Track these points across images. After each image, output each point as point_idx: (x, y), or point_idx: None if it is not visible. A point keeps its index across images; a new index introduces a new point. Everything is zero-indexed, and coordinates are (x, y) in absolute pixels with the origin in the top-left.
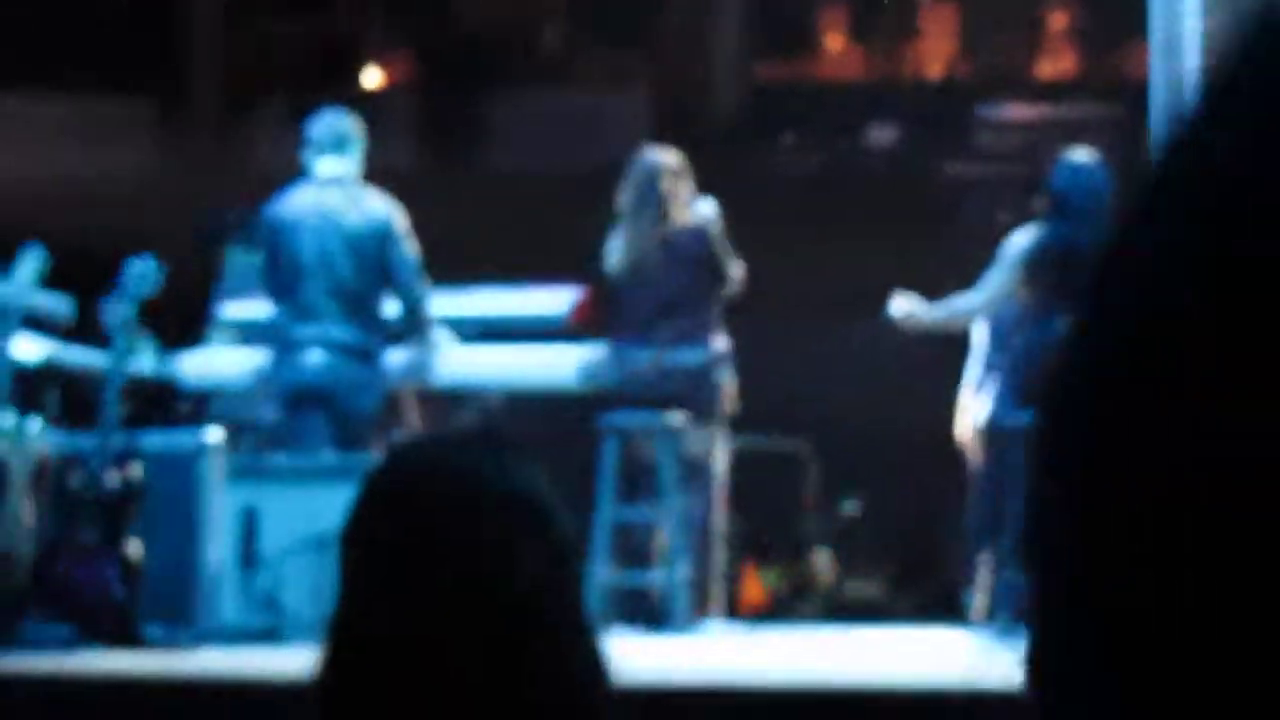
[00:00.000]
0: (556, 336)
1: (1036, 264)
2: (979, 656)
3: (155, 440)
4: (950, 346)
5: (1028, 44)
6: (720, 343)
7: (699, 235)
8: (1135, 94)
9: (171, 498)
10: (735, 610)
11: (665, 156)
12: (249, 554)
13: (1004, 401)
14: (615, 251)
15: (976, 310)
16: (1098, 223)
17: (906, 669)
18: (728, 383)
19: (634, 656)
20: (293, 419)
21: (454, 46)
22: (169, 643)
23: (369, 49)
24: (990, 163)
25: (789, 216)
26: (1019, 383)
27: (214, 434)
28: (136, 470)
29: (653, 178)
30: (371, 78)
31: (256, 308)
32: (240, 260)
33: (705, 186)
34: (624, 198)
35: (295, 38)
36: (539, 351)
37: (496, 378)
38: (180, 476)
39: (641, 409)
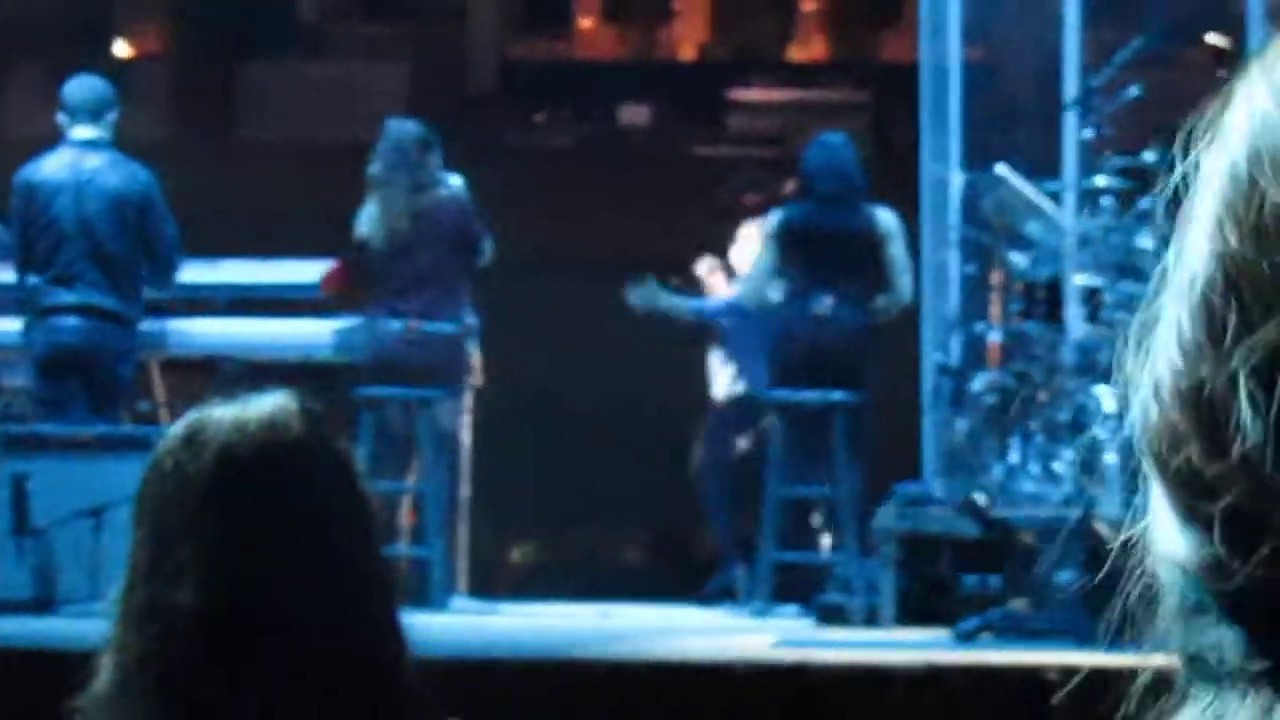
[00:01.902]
0: (309, 307)
1: (788, 242)
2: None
3: None
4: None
5: (780, 27)
6: (470, 316)
7: (453, 208)
8: (885, 78)
9: None
10: (491, 585)
11: (414, 127)
12: (20, 524)
13: (760, 377)
14: (367, 221)
15: (746, 297)
16: (847, 201)
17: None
18: (475, 355)
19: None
20: (49, 385)
21: (211, 16)
22: None
23: (125, 17)
24: (742, 145)
25: (542, 192)
26: (778, 359)
27: None
28: None
29: (403, 147)
30: (127, 47)
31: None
32: None
33: (461, 160)
34: (374, 167)
35: (52, 4)
36: (292, 322)
37: (249, 346)
38: None
39: (393, 381)
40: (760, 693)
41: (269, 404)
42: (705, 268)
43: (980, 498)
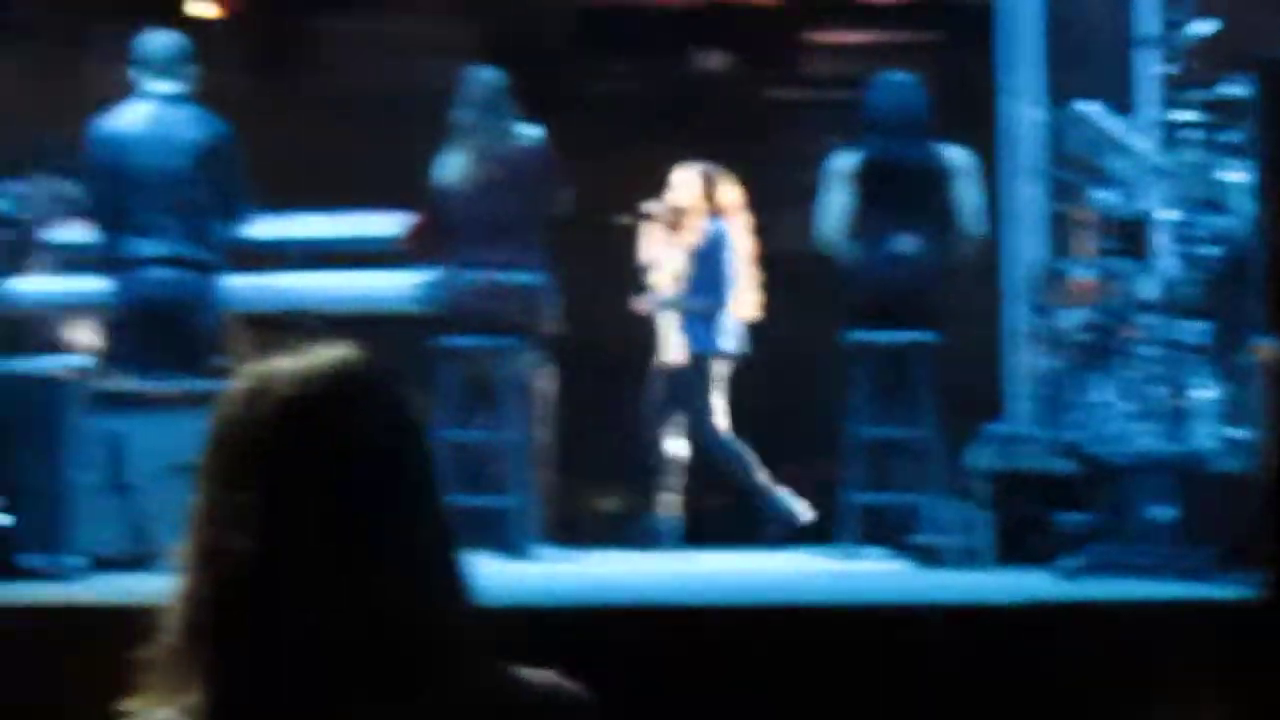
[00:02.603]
0: (388, 260)
1: (857, 181)
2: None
3: (25, 365)
4: (770, 268)
5: None
6: (547, 265)
7: (534, 156)
8: (960, 17)
9: (38, 424)
10: (573, 534)
11: (494, 74)
12: (117, 481)
13: (704, 339)
14: (447, 169)
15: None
16: (913, 138)
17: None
18: (553, 305)
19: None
20: (132, 339)
21: None
22: (46, 571)
23: None
24: (817, 88)
25: (618, 141)
26: (854, 300)
27: (78, 358)
28: (6, 396)
29: (485, 94)
30: (201, 6)
31: (80, 230)
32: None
33: (535, 110)
34: (457, 114)
35: None
36: (372, 275)
37: (328, 300)
38: (46, 403)
39: (471, 331)
40: (861, 634)
41: (332, 355)
42: (652, 209)
43: (1074, 435)
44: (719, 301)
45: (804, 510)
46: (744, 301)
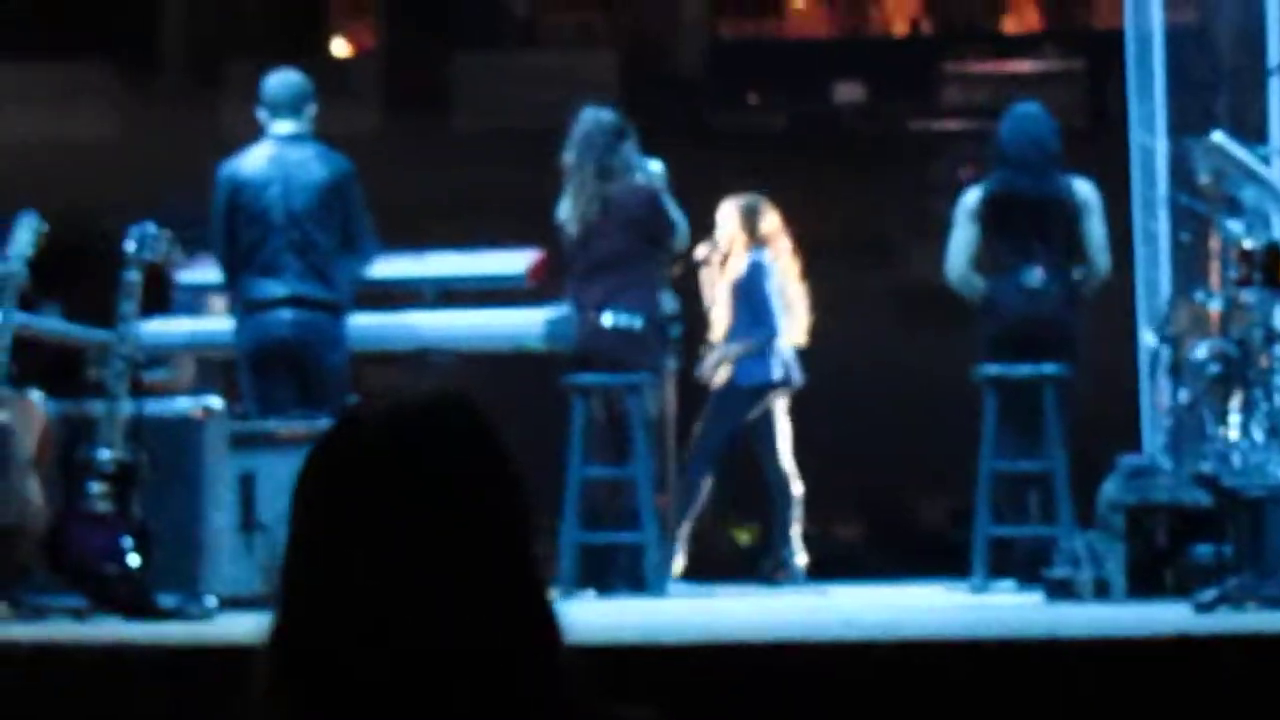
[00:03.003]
0: (520, 297)
1: (989, 216)
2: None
3: (158, 407)
4: (904, 300)
5: None
6: (665, 301)
7: (641, 195)
8: (1098, 45)
9: (175, 465)
10: (707, 570)
11: (604, 114)
12: (248, 521)
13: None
14: (561, 208)
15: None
16: (1043, 171)
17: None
18: (673, 340)
19: (607, 617)
20: (260, 380)
21: (423, 9)
22: (180, 610)
23: (335, 13)
24: (956, 118)
25: (757, 174)
26: (987, 334)
27: (214, 400)
28: (143, 437)
29: (591, 135)
30: (338, 44)
31: (208, 271)
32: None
33: (672, 144)
34: (566, 156)
35: (262, 2)
36: (501, 312)
37: (458, 338)
38: (183, 443)
39: (591, 369)
40: (997, 669)
41: (427, 394)
42: (701, 251)
43: (1208, 466)
44: (765, 335)
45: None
46: (793, 329)
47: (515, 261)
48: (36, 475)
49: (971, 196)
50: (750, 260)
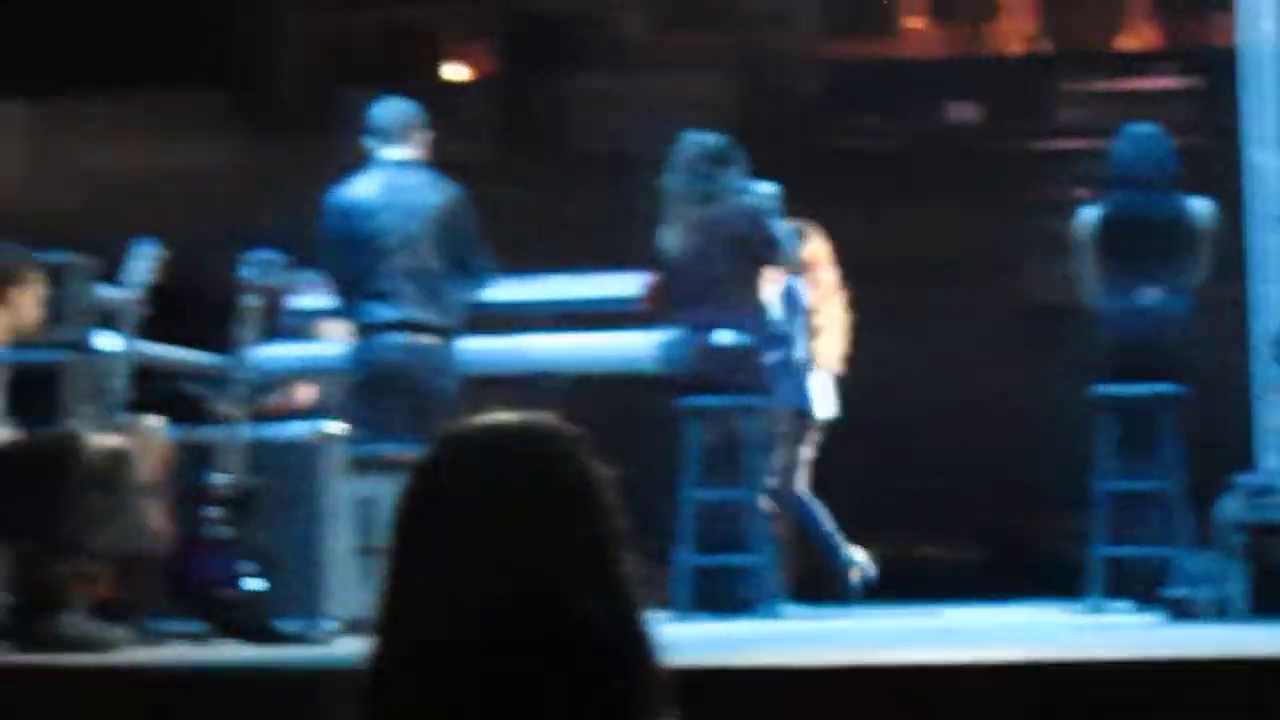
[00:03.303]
0: (632, 320)
1: (1106, 237)
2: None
3: (277, 431)
4: (1022, 320)
5: (1107, 16)
6: (770, 323)
7: (744, 219)
8: (1216, 63)
9: (293, 489)
10: (830, 592)
11: (706, 139)
12: (365, 544)
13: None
14: (664, 233)
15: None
16: (1159, 190)
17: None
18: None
19: (721, 639)
20: (371, 404)
21: (535, 34)
22: (300, 635)
23: (447, 39)
24: (1072, 137)
25: (873, 194)
26: (1104, 355)
27: (332, 424)
28: (262, 463)
29: (691, 160)
30: (452, 69)
31: (318, 297)
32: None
33: (788, 166)
34: (668, 181)
35: (373, 29)
36: (616, 335)
37: (573, 361)
38: (302, 468)
39: (700, 392)
40: (1111, 690)
41: (522, 419)
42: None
43: None
44: (781, 356)
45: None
46: (825, 356)
47: (629, 284)
48: (156, 501)
49: (1087, 217)
50: (784, 286)
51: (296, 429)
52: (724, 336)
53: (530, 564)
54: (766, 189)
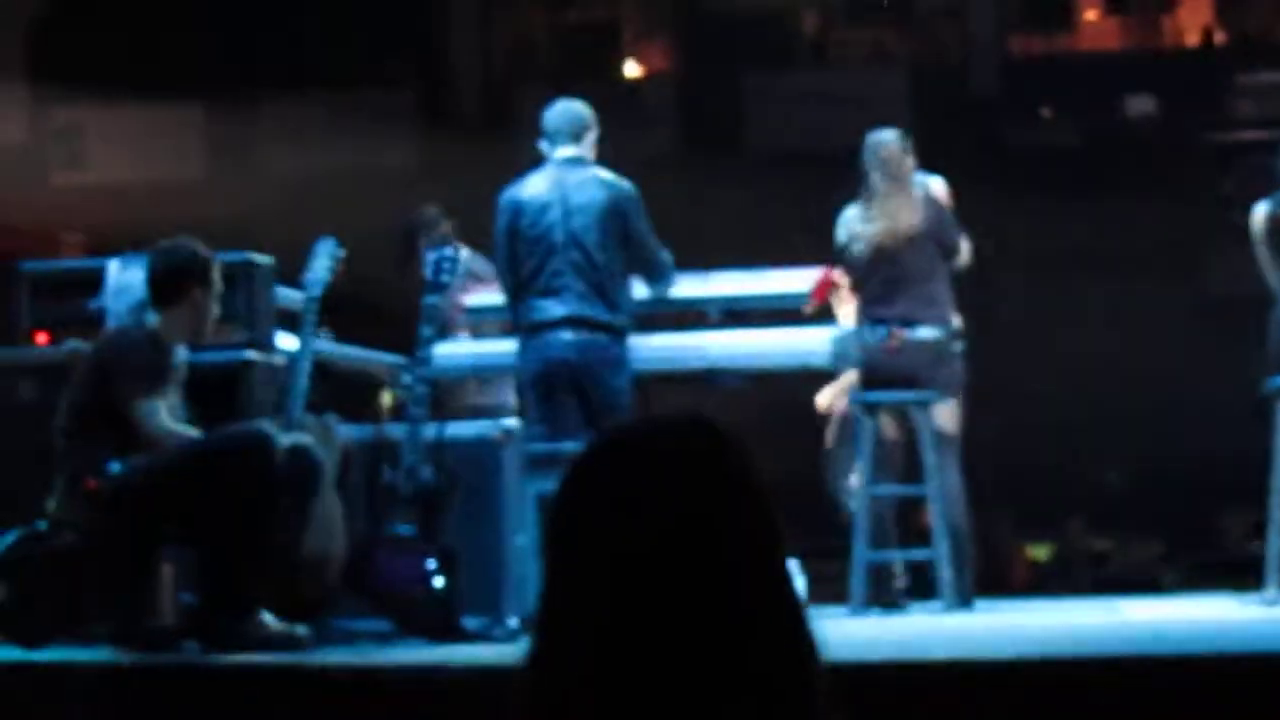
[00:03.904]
0: (790, 317)
1: (1271, 230)
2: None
3: (459, 430)
4: (1203, 313)
5: None
6: (953, 317)
7: (930, 211)
8: None
9: (476, 487)
10: (1006, 586)
11: (890, 135)
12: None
13: None
14: (846, 229)
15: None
16: None
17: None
18: (961, 356)
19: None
20: (543, 402)
21: (715, 31)
22: (485, 633)
23: (628, 37)
24: (1250, 129)
25: (1050, 189)
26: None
27: (513, 421)
28: (445, 461)
29: (879, 156)
30: (631, 67)
31: (488, 295)
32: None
33: (965, 162)
34: (859, 177)
35: (554, 28)
36: (788, 332)
37: (745, 358)
38: (484, 466)
39: (883, 387)
40: None
41: (678, 419)
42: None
43: None
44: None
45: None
46: None
47: (799, 280)
48: (339, 501)
49: (1261, 211)
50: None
51: (479, 427)
52: (924, 331)
53: (685, 563)
54: (937, 183)
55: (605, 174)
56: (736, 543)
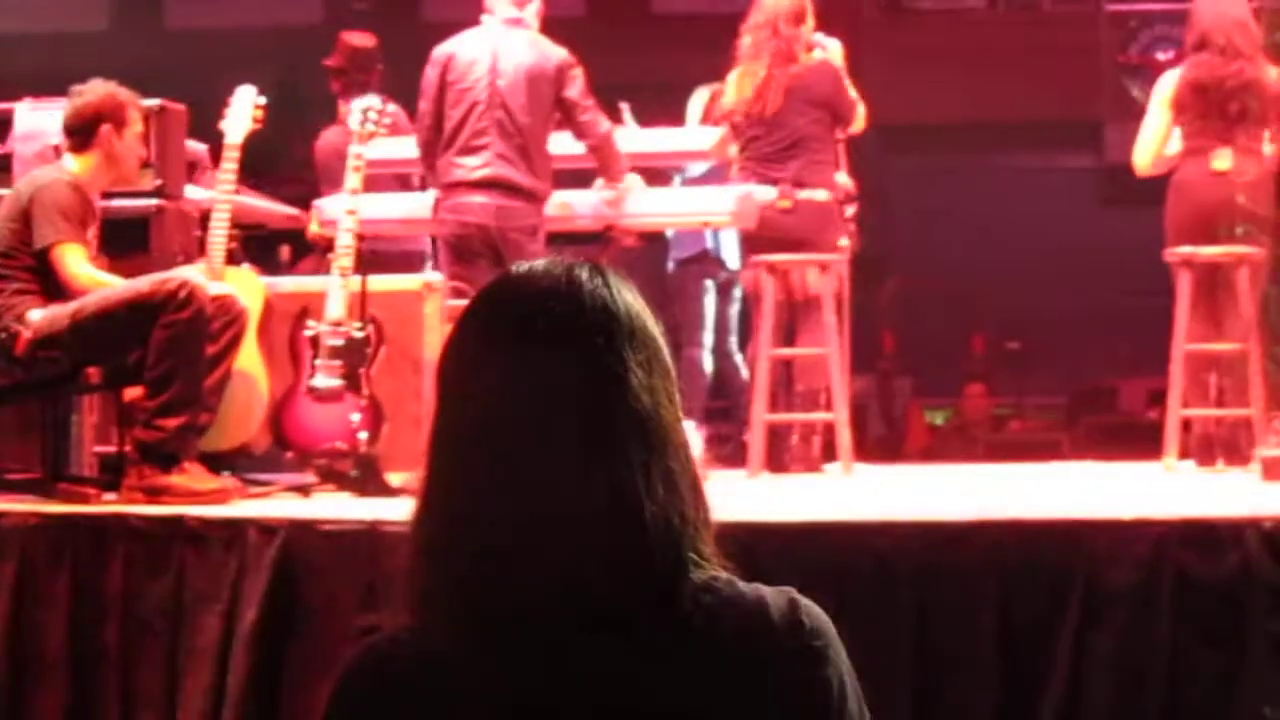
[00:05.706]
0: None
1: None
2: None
3: (381, 282)
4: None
5: None
6: (843, 181)
7: (824, 75)
8: None
9: (399, 340)
10: (901, 452)
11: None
12: None
13: None
14: (734, 92)
15: None
16: None
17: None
18: (847, 222)
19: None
20: (459, 261)
21: None
22: (410, 489)
23: None
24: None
25: (955, 54)
26: None
27: (435, 276)
28: (367, 313)
29: (772, 20)
30: None
31: (401, 148)
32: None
33: (873, 22)
34: (743, 41)
35: None
36: (692, 191)
37: (650, 216)
38: (406, 318)
39: (772, 249)
40: None
41: (561, 260)
42: None
43: None
44: None
45: None
46: None
47: (703, 139)
48: (261, 351)
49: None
50: None
51: (400, 280)
52: (815, 193)
53: (566, 388)
54: (834, 45)
55: (542, 39)
56: (616, 366)
